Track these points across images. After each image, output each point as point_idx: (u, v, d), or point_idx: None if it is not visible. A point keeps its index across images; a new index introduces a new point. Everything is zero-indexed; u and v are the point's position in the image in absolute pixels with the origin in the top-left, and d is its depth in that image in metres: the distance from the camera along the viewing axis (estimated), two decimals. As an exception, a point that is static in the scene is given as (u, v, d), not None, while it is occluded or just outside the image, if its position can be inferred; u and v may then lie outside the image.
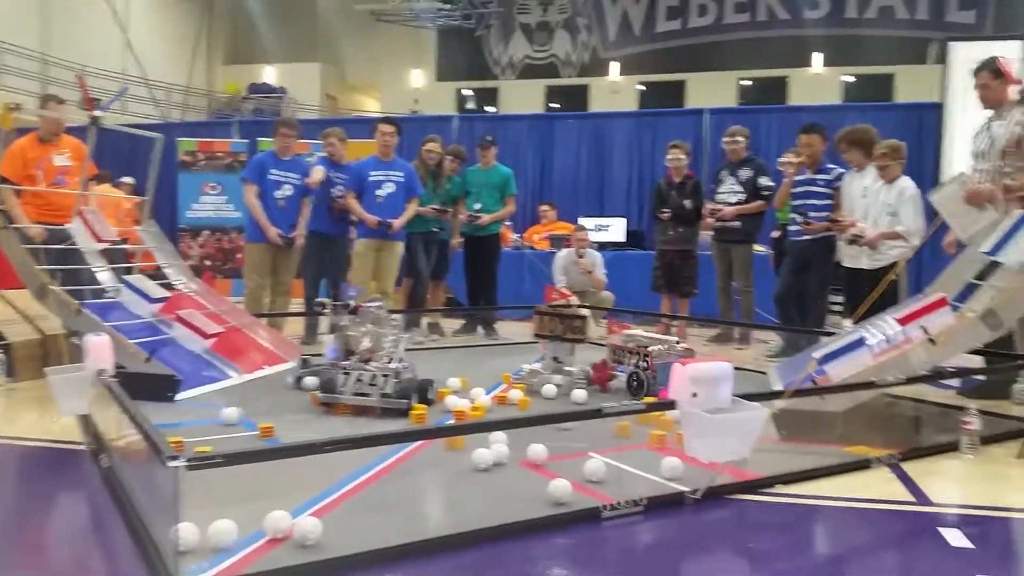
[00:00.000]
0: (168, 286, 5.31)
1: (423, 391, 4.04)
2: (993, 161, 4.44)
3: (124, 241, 6.32)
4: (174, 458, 2.00)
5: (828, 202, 5.84)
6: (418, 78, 21.27)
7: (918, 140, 9.22)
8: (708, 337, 6.99)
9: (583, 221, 8.79)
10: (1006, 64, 4.19)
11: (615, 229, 9.19)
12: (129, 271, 5.42)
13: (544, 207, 9.72)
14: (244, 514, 2.34)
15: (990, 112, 4.58)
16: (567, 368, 4.66)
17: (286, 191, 6.18)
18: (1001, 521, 2.67)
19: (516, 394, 4.26)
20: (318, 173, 6.26)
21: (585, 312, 4.89)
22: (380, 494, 2.76)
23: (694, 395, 2.62)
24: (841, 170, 5.90)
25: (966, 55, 9.40)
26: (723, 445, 2.62)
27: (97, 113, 4.88)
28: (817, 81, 17.79)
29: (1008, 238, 3.94)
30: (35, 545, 2.44)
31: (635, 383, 4.38)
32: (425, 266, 6.92)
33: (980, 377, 4.50)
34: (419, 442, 3.25)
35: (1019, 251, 3.83)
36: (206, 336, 4.70)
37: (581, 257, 7.36)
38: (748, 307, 6.80)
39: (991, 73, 4.58)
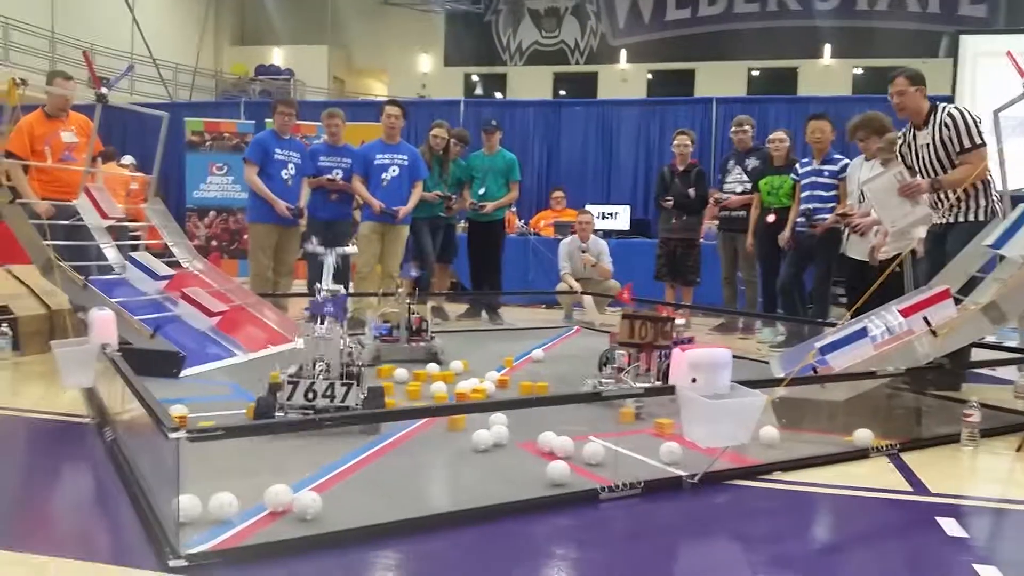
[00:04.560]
0: (173, 264, 5.34)
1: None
2: (931, 174, 4.42)
3: (131, 219, 6.35)
4: (175, 430, 2.02)
5: (834, 193, 5.82)
6: (426, 63, 21.24)
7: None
8: (712, 326, 7.00)
9: (590, 208, 8.78)
10: (1014, 58, 4.15)
11: (621, 217, 9.18)
12: (135, 248, 5.45)
13: (557, 193, 9.68)
14: (245, 488, 2.36)
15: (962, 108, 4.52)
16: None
17: (290, 170, 6.18)
18: (998, 512, 2.68)
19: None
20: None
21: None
22: (380, 472, 2.78)
23: (693, 381, 2.63)
24: (847, 161, 5.88)
25: (977, 48, 9.37)
26: (722, 430, 2.63)
27: (103, 90, 4.87)
28: (827, 73, 17.74)
29: (1013, 231, 3.94)
30: (40, 517, 2.46)
31: None
32: (431, 250, 6.93)
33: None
34: (420, 422, 3.27)
35: (1022, 244, 3.82)
36: (211, 314, 4.73)
37: (584, 243, 7.35)
38: (752, 297, 6.80)
39: (907, 79, 4.51)
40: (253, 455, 2.80)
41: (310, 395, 3.06)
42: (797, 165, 6.18)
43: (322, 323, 3.22)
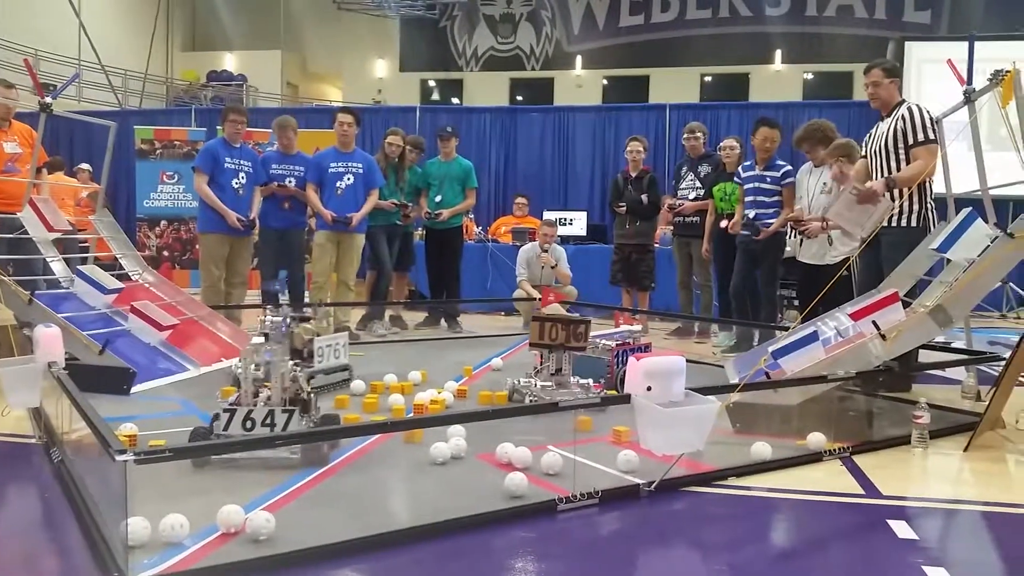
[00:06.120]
0: (123, 277, 5.24)
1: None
2: (882, 160, 4.60)
3: (80, 230, 6.21)
4: (122, 452, 1.98)
5: (776, 199, 5.93)
6: (381, 68, 21.12)
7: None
8: (668, 331, 7.06)
9: (548, 215, 8.80)
10: (954, 66, 4.27)
11: (577, 223, 9.22)
12: (84, 261, 5.33)
13: (520, 199, 9.65)
14: (196, 508, 2.32)
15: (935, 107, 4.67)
16: (581, 381, 4.06)
17: (241, 179, 6.10)
18: (947, 513, 2.74)
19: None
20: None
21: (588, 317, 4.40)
22: (335, 489, 2.74)
23: (648, 389, 2.64)
24: (789, 167, 6.00)
25: (921, 55, 9.63)
26: (677, 438, 2.65)
27: (48, 99, 4.76)
28: (778, 78, 18.04)
29: (957, 235, 4.04)
30: (-19, 541, 2.39)
31: None
32: (388, 258, 6.88)
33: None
34: (376, 436, 3.24)
35: (967, 248, 3.92)
36: (161, 328, 4.65)
37: (545, 251, 7.36)
38: (707, 301, 6.88)
39: (883, 71, 4.69)
40: (204, 474, 2.74)
41: (248, 424, 2.82)
42: (740, 168, 6.25)
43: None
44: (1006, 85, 3.52)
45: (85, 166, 9.80)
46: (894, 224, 4.54)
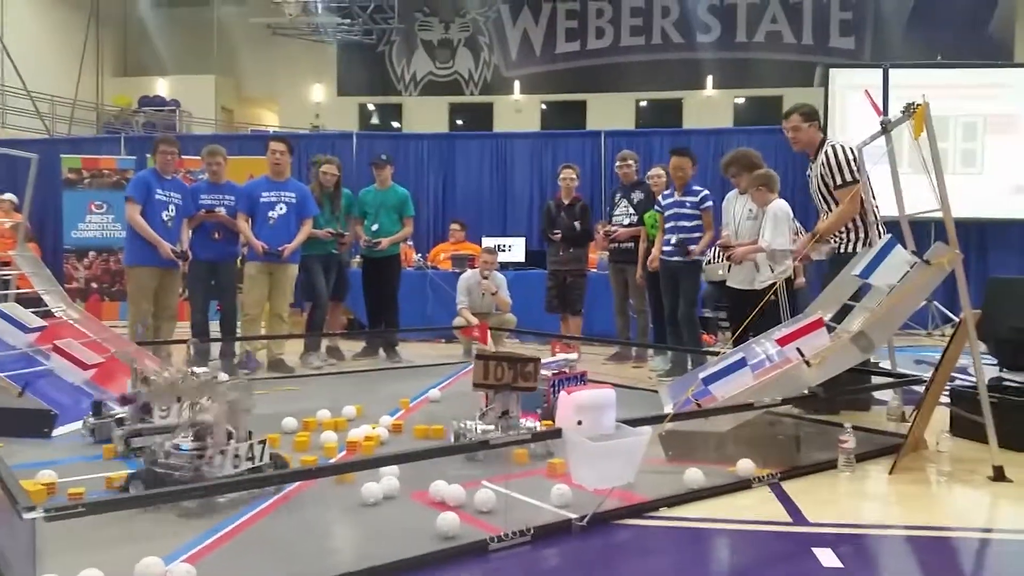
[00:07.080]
0: (46, 314, 5.07)
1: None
2: (820, 202, 4.80)
3: (2, 264, 6.00)
4: (30, 509, 1.90)
5: (697, 223, 6.12)
6: (319, 92, 20.96)
7: (803, 160, 9.66)
8: (606, 356, 7.11)
9: (487, 241, 8.81)
10: (870, 97, 4.42)
11: (516, 249, 9.25)
12: (5, 299, 5.15)
13: (455, 226, 9.66)
14: (113, 560, 2.25)
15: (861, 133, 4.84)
16: (526, 423, 3.73)
17: (171, 211, 5.99)
18: (871, 539, 2.79)
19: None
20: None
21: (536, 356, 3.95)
22: (261, 536, 2.67)
23: (579, 423, 2.65)
24: (706, 191, 6.18)
25: (844, 81, 9.97)
26: (608, 471, 2.66)
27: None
28: (709, 103, 18.43)
29: (879, 261, 4.15)
30: None
31: None
32: (324, 289, 6.79)
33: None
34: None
35: (887, 273, 4.03)
36: (85, 367, 4.50)
37: (485, 278, 7.37)
38: (643, 326, 6.96)
39: (801, 116, 4.88)
40: (123, 523, 2.65)
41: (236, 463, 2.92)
42: (660, 196, 6.42)
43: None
44: (917, 118, 3.65)
45: (8, 196, 9.50)
46: (840, 251, 4.78)
